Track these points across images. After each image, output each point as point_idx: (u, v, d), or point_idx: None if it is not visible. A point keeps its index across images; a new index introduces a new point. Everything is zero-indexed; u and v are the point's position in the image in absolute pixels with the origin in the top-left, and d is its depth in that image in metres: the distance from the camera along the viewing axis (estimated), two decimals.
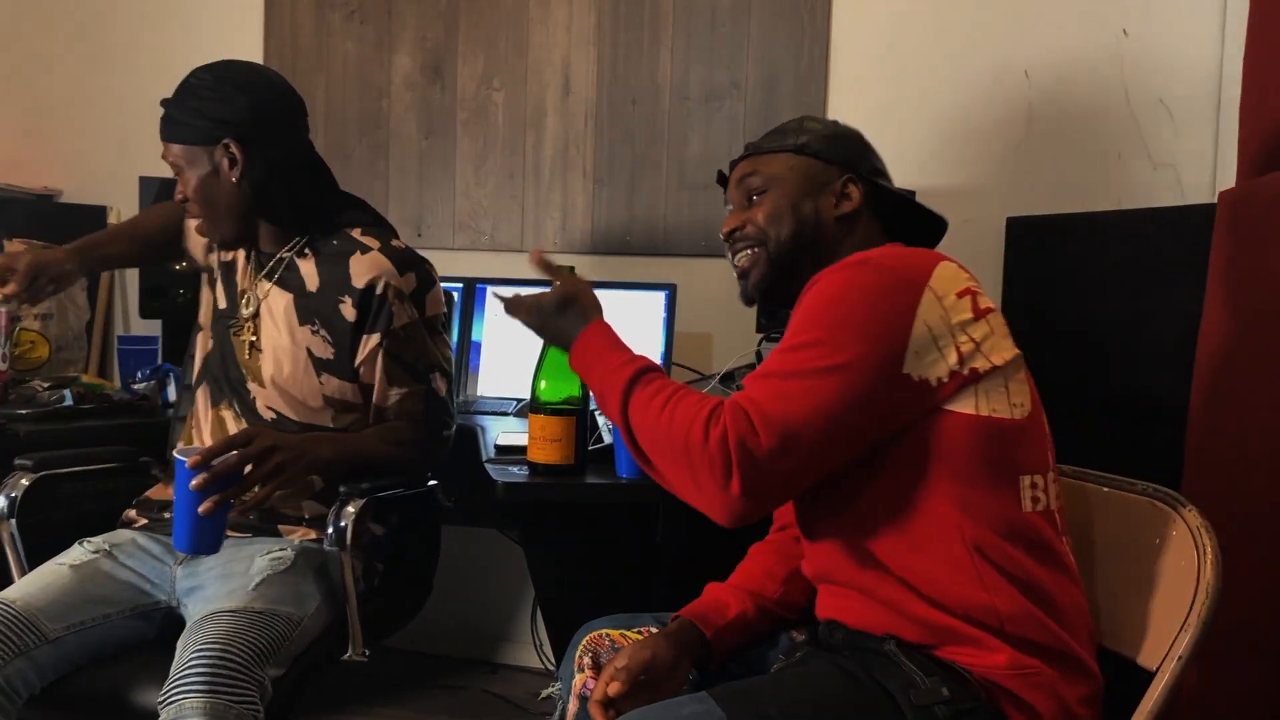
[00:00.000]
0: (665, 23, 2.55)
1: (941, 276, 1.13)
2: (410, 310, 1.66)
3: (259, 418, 1.66)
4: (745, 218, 1.33)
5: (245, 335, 1.68)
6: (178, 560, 1.60)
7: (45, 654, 1.43)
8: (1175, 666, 1.07)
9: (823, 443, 1.08)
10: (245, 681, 1.32)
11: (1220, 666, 1.52)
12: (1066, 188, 2.29)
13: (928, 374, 1.10)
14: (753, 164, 1.35)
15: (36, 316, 2.36)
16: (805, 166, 1.32)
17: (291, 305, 1.66)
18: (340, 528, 1.51)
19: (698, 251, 2.56)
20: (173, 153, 1.61)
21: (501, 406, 2.31)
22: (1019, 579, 1.11)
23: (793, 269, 1.29)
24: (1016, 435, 1.14)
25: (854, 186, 1.31)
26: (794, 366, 1.10)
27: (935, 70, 2.39)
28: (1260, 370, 1.53)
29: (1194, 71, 2.21)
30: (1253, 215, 1.60)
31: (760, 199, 1.32)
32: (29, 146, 2.97)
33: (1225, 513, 1.38)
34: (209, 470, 1.37)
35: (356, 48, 2.75)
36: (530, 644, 2.67)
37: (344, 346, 1.64)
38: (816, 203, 1.31)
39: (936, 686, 1.06)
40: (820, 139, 1.34)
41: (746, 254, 1.32)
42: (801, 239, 1.30)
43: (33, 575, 1.54)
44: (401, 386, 1.66)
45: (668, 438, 1.11)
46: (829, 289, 1.15)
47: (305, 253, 1.68)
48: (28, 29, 2.97)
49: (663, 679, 1.21)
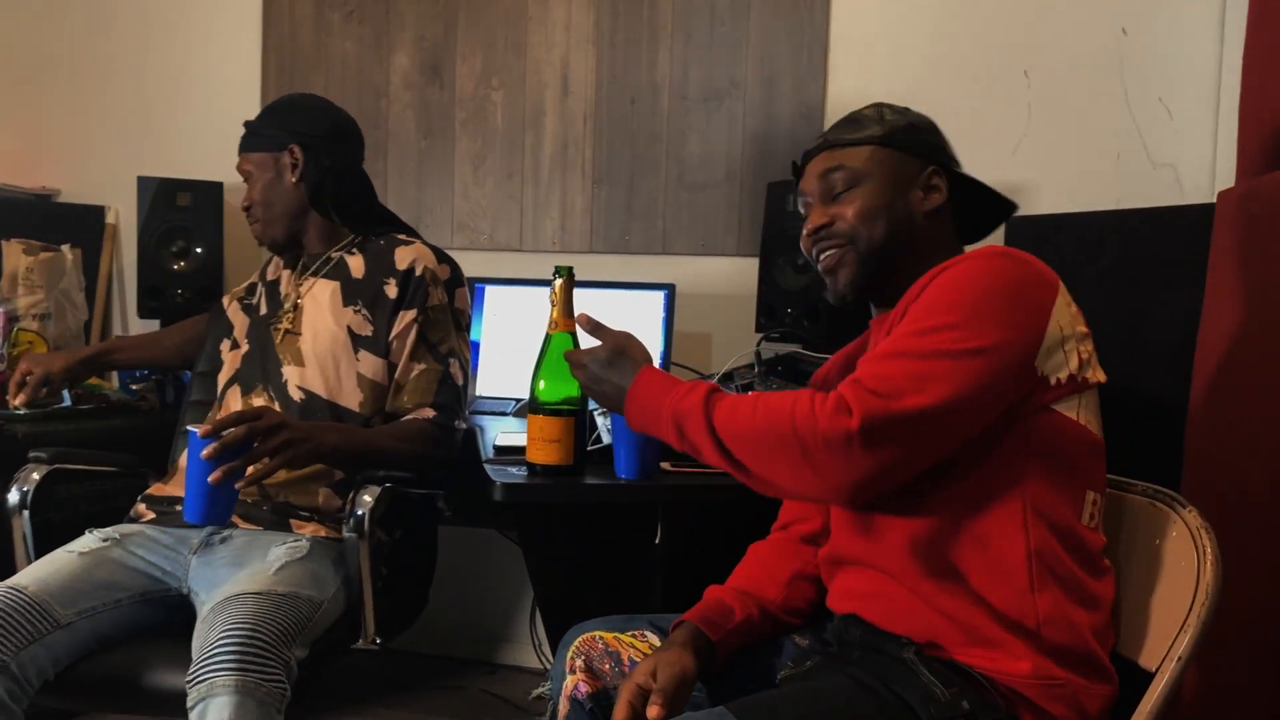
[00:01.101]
0: (664, 22, 2.55)
1: (1063, 286, 1.15)
2: (442, 294, 1.84)
3: (290, 399, 1.74)
4: (833, 214, 1.27)
5: (283, 325, 1.82)
6: (192, 549, 1.64)
7: (59, 639, 1.45)
8: (1175, 667, 1.07)
9: (953, 423, 1.07)
10: (274, 661, 1.34)
11: (1220, 667, 1.52)
12: (1066, 187, 2.29)
13: (1050, 373, 1.11)
14: (835, 157, 1.29)
15: (35, 317, 2.36)
16: (892, 160, 1.28)
17: (338, 290, 1.82)
18: (358, 515, 1.57)
19: (697, 251, 2.56)
20: (250, 161, 1.86)
21: (500, 406, 2.31)
22: (1068, 583, 1.11)
23: (885, 267, 1.26)
24: (1095, 452, 1.17)
25: (939, 178, 1.29)
26: (932, 347, 1.07)
27: (934, 69, 2.39)
28: (1260, 370, 1.53)
29: (1193, 71, 2.21)
30: (1252, 215, 1.60)
31: (849, 194, 1.27)
32: (27, 145, 2.97)
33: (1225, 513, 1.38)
34: (219, 440, 1.43)
35: (355, 47, 2.75)
36: (529, 644, 2.67)
37: (382, 323, 1.79)
38: (907, 198, 1.27)
39: (956, 699, 1.05)
40: (903, 129, 1.30)
41: (833, 252, 1.28)
42: (895, 237, 1.26)
43: (43, 562, 1.57)
44: (422, 363, 1.79)
45: (770, 432, 1.08)
46: (968, 275, 1.12)
47: (354, 250, 1.87)
48: (26, 27, 2.97)
49: (687, 692, 1.21)
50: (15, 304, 2.33)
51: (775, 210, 2.24)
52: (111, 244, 2.84)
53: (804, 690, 1.15)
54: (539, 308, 2.04)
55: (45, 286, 2.44)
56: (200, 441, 1.43)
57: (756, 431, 1.10)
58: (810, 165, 1.33)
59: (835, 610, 1.24)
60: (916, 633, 1.12)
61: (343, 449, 1.64)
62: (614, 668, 1.28)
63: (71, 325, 2.44)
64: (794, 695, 1.13)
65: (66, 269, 2.45)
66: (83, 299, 2.55)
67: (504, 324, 2.47)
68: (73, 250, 2.50)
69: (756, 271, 2.29)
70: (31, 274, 2.39)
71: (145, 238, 2.53)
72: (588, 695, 1.26)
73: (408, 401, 1.78)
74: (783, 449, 1.08)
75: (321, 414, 1.74)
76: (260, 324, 1.85)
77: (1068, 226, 2.09)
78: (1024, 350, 1.09)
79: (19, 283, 2.35)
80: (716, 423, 1.13)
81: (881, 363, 1.09)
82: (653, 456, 1.57)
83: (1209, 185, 2.18)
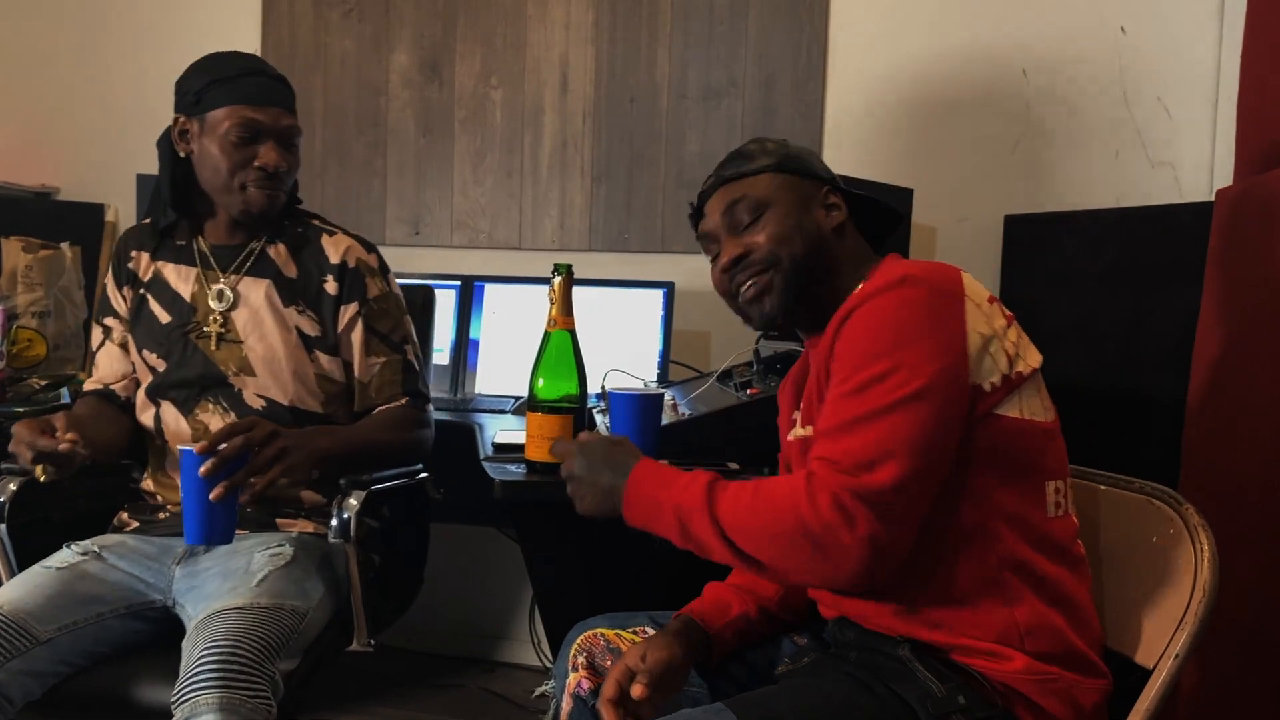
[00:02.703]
0: (663, 21, 2.55)
1: (970, 285, 1.13)
2: (380, 284, 1.73)
3: (249, 408, 1.66)
4: (747, 243, 1.27)
5: (211, 329, 1.67)
6: (174, 560, 1.60)
7: (39, 656, 1.41)
8: (1172, 665, 1.07)
9: (928, 469, 1.05)
10: (257, 677, 1.32)
11: (1218, 665, 1.53)
12: (1064, 186, 2.29)
13: (984, 379, 1.09)
14: (735, 189, 1.30)
15: (34, 315, 2.36)
16: (790, 183, 1.29)
17: (272, 288, 1.68)
18: (344, 520, 1.53)
19: (696, 249, 2.54)
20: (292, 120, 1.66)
21: (499, 404, 2.31)
22: (1043, 587, 1.10)
23: (809, 287, 1.26)
24: (1046, 440, 1.15)
25: (835, 196, 1.31)
26: (874, 404, 1.06)
27: (933, 69, 2.39)
28: (1258, 368, 1.53)
29: (1192, 70, 2.21)
30: (1250, 213, 1.60)
31: (759, 223, 1.28)
32: (26, 143, 2.97)
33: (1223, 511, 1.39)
34: (216, 456, 1.38)
35: (354, 45, 2.75)
36: (528, 642, 2.67)
37: (329, 321, 1.70)
38: (813, 217, 1.28)
39: (953, 694, 1.05)
40: (792, 155, 1.32)
41: (755, 281, 1.27)
42: (813, 255, 1.26)
43: (18, 580, 1.52)
44: (379, 356, 1.72)
45: (773, 524, 1.06)
46: (878, 313, 1.10)
47: (275, 241, 1.71)
48: (25, 24, 2.97)
49: (675, 679, 1.21)
50: (14, 302, 2.33)
51: None
52: (111, 242, 2.83)
53: (801, 687, 1.15)
54: (538, 306, 2.05)
55: (44, 284, 2.44)
56: (195, 461, 1.37)
57: (761, 524, 1.07)
58: (709, 205, 1.33)
59: (826, 616, 1.25)
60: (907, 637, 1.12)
61: (337, 451, 1.59)
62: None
63: (70, 323, 2.44)
64: (791, 691, 1.14)
65: (66, 267, 2.45)
66: (82, 297, 2.55)
67: (503, 322, 2.48)
68: (72, 248, 2.50)
69: None
70: (31, 272, 2.39)
71: None
72: (590, 692, 1.26)
73: (376, 397, 1.73)
74: (787, 541, 1.05)
75: (284, 418, 1.64)
76: (170, 331, 1.69)
77: (1066, 225, 2.09)
78: (957, 374, 1.08)
79: (18, 280, 2.35)
80: (721, 516, 1.09)
81: (833, 438, 1.07)
82: (652, 454, 1.56)
83: (1207, 184, 2.19)
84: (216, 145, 1.60)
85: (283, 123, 1.63)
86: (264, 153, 1.61)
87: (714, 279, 1.34)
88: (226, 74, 1.61)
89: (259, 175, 1.61)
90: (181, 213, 1.71)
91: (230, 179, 1.62)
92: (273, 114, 1.61)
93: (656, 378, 2.31)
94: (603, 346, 2.22)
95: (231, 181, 1.62)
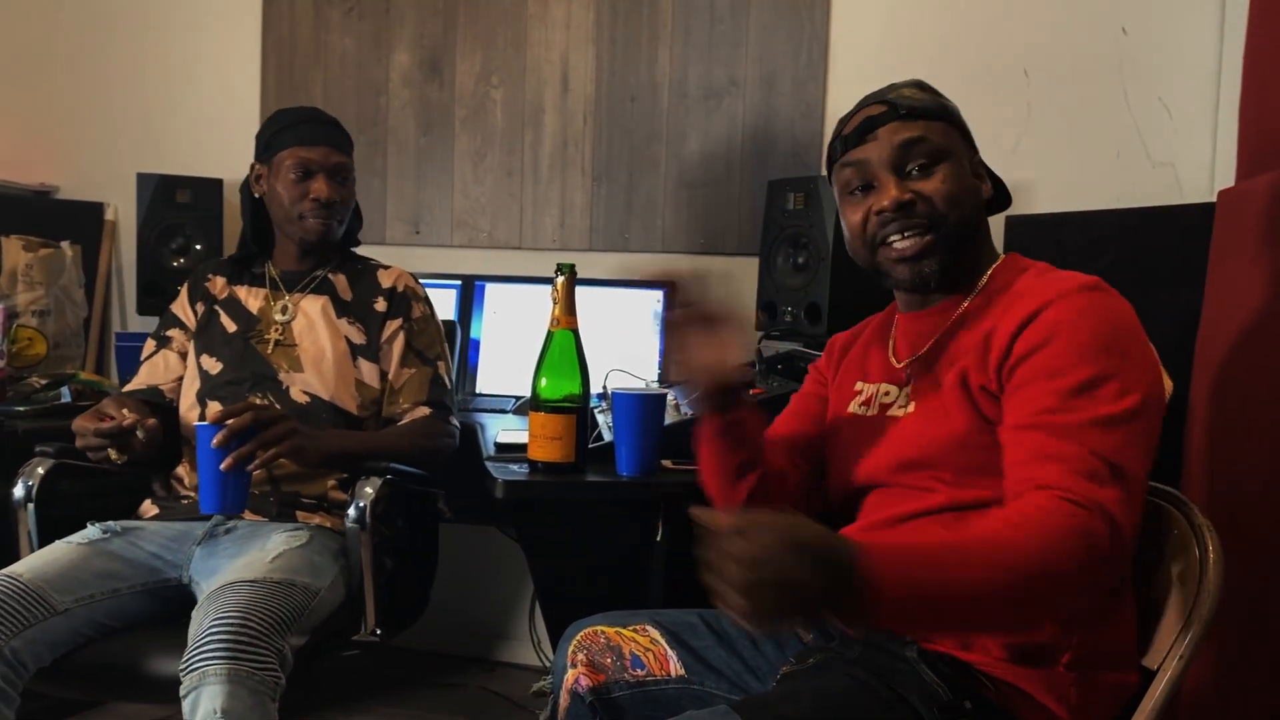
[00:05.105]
0: (664, 20, 2.55)
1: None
2: (424, 308, 1.92)
3: (293, 402, 1.78)
4: (916, 192, 1.14)
5: (271, 335, 1.85)
6: (196, 540, 1.66)
7: (55, 626, 1.46)
8: (1177, 665, 1.07)
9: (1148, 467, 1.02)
10: (265, 649, 1.35)
11: (1222, 666, 1.53)
12: (1065, 186, 2.29)
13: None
14: (915, 128, 1.16)
15: (34, 313, 2.36)
16: (963, 141, 1.19)
17: (329, 304, 1.88)
18: (360, 507, 1.59)
19: (696, 249, 2.56)
20: (345, 157, 1.89)
21: (501, 404, 2.31)
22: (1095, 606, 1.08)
23: (959, 259, 1.17)
24: None
25: (982, 168, 1.23)
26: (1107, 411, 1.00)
27: (934, 68, 2.36)
28: (1259, 369, 1.53)
29: (1193, 70, 2.21)
30: (1251, 214, 1.60)
31: (934, 172, 1.15)
32: (25, 142, 2.96)
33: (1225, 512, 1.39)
34: (226, 427, 1.47)
35: (354, 44, 2.74)
36: (529, 642, 2.67)
37: (374, 332, 1.87)
38: (977, 185, 1.19)
39: (958, 698, 1.05)
40: (956, 111, 1.20)
41: (916, 238, 1.14)
42: (971, 224, 1.17)
43: (42, 551, 1.58)
44: (411, 367, 1.86)
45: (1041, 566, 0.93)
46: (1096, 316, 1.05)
47: (337, 271, 1.92)
48: (25, 24, 2.96)
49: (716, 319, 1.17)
50: (15, 300, 2.33)
51: (775, 209, 2.24)
52: (111, 240, 2.83)
53: (806, 689, 1.14)
54: (539, 305, 2.05)
55: (45, 283, 2.44)
56: (209, 432, 1.48)
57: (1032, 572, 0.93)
58: (883, 131, 1.17)
59: None
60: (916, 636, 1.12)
61: (350, 448, 1.71)
62: (615, 662, 1.28)
63: (71, 322, 2.45)
64: (796, 694, 1.13)
65: (66, 265, 2.45)
66: (82, 295, 2.56)
67: (504, 321, 2.48)
68: (72, 247, 2.50)
69: (756, 270, 2.29)
70: (31, 270, 2.39)
71: (145, 234, 2.52)
72: (588, 689, 1.27)
73: (403, 402, 1.84)
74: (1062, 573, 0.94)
75: (325, 413, 1.79)
76: (234, 338, 1.86)
77: (1067, 225, 2.09)
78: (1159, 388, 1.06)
79: (18, 279, 2.36)
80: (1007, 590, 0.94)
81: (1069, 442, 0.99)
82: (654, 454, 1.57)
83: (1208, 184, 2.19)
84: (280, 183, 1.84)
85: (332, 160, 1.85)
86: (316, 186, 1.83)
87: (850, 217, 1.20)
88: (287, 123, 1.86)
89: (314, 205, 1.83)
90: (259, 246, 1.94)
91: (291, 210, 1.84)
92: (323, 152, 1.84)
93: (656, 378, 2.31)
94: (602, 346, 2.22)
95: (292, 212, 1.84)
